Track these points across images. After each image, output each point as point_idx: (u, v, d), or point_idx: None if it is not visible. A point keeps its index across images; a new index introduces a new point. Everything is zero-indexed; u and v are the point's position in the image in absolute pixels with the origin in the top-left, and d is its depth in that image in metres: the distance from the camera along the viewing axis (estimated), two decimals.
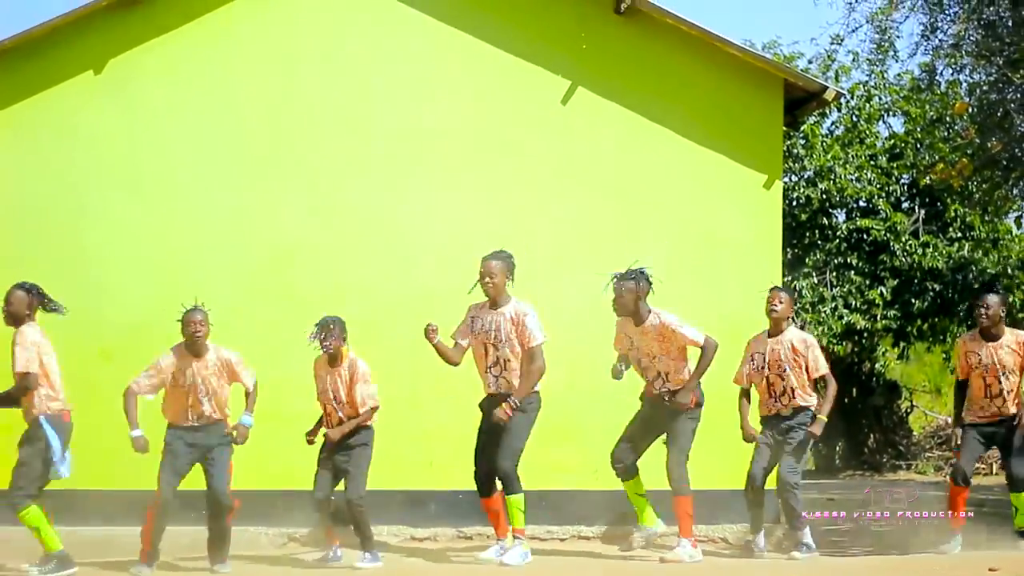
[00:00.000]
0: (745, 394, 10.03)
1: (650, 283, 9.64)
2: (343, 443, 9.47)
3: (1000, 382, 9.92)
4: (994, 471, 18.06)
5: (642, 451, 9.81)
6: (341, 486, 9.48)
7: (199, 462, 9.33)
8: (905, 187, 20.95)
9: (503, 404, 9.27)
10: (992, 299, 10.00)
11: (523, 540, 9.43)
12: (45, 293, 9.18)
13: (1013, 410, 9.93)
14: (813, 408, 9.82)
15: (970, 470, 10.09)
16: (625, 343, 9.74)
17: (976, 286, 18.83)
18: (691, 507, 9.52)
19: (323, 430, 9.58)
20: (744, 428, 9.91)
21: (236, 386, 9.45)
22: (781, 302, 9.88)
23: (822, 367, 9.87)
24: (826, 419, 9.82)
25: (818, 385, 10.25)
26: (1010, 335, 10.04)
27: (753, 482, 9.70)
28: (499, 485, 9.44)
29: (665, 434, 9.68)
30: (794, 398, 9.76)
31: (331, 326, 9.39)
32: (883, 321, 19.87)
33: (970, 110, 14.84)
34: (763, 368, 9.85)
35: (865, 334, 20.22)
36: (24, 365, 8.90)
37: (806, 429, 9.73)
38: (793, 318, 10.63)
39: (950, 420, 10.07)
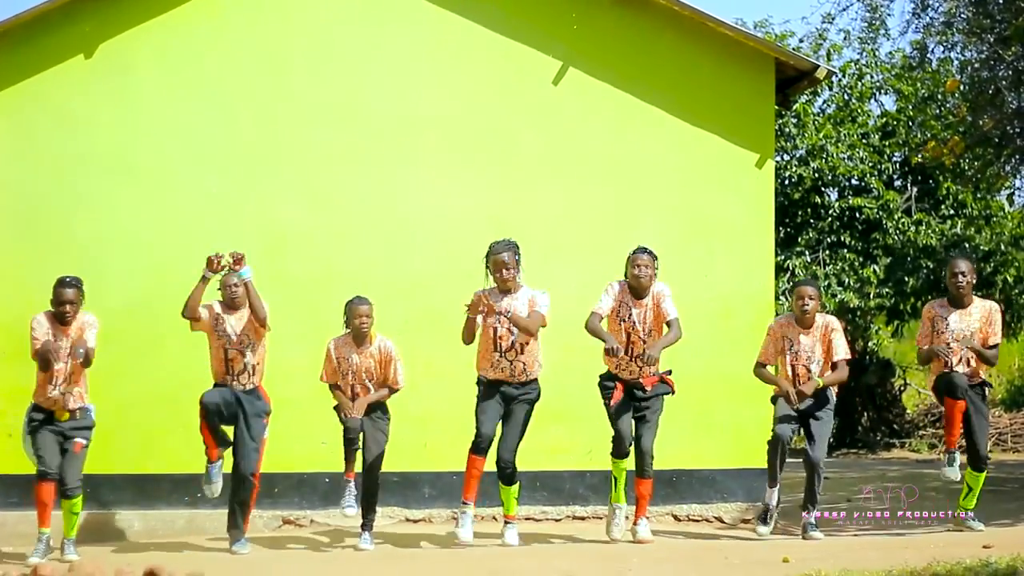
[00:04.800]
0: (763, 367, 9.89)
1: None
2: (371, 419, 9.63)
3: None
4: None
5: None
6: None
7: (234, 425, 9.42)
8: (897, 165, 20.97)
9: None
10: (968, 265, 9.89)
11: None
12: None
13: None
14: (831, 389, 9.77)
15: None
16: (624, 313, 9.63)
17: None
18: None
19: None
20: (780, 384, 9.69)
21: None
22: (812, 299, 9.78)
23: (843, 352, 9.82)
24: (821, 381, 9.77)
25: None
26: (978, 303, 9.92)
27: (783, 442, 9.60)
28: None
29: (642, 415, 9.60)
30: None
31: (365, 313, 9.52)
32: (876, 299, 19.90)
33: (961, 88, 14.82)
34: (787, 353, 9.73)
35: (858, 312, 20.23)
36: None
37: (830, 410, 9.72)
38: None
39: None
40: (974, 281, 9.91)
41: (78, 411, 9.27)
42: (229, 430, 9.43)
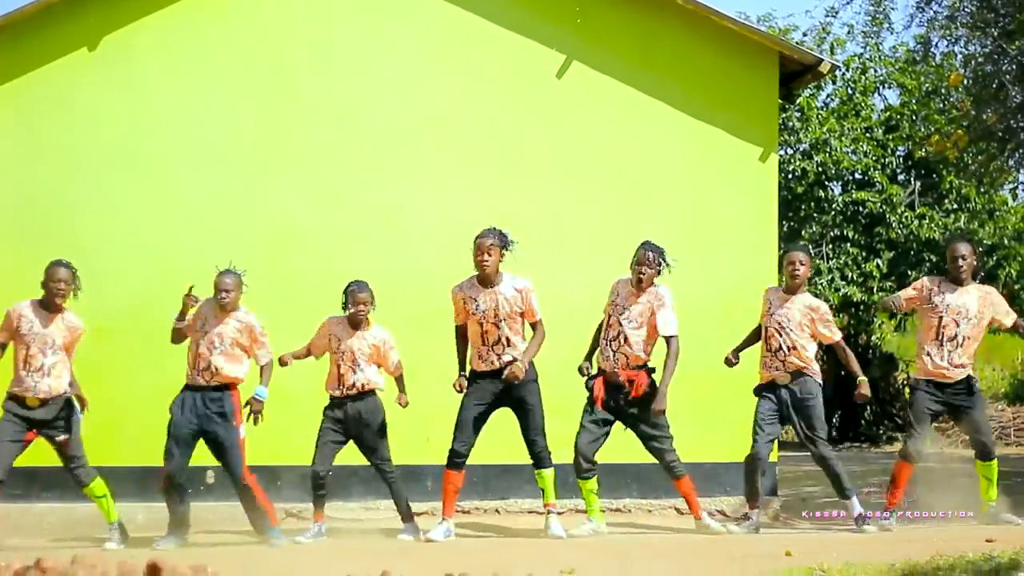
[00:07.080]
0: (756, 333, 9.87)
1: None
2: (360, 414, 9.58)
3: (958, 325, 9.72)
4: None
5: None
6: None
7: (203, 436, 9.27)
8: (901, 159, 20.99)
9: (515, 363, 9.25)
10: (968, 248, 9.86)
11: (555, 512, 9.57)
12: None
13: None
14: (813, 375, 9.68)
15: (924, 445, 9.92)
16: (613, 298, 9.62)
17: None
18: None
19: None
20: (735, 351, 9.87)
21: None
22: (802, 264, 9.74)
23: (835, 334, 9.84)
24: (865, 378, 9.85)
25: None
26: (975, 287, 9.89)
27: (758, 456, 9.63)
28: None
29: (643, 432, 9.58)
30: (788, 356, 9.58)
31: (365, 299, 9.49)
32: (879, 293, 19.91)
33: (965, 82, 14.83)
34: (766, 317, 9.71)
35: (862, 306, 20.26)
36: None
37: (815, 399, 9.62)
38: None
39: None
40: (975, 264, 9.87)
41: (51, 401, 9.06)
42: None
